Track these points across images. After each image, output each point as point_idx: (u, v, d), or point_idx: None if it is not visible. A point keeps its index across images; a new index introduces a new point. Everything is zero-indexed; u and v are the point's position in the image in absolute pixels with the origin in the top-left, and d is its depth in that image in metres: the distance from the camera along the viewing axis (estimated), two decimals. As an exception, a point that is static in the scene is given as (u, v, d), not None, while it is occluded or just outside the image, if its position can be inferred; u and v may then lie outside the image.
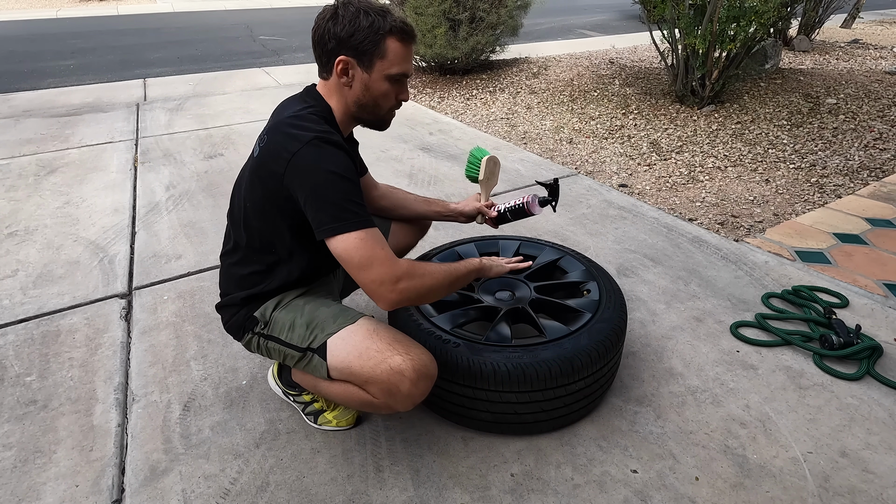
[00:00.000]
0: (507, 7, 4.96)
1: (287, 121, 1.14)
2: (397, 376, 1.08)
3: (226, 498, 1.18)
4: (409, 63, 1.17)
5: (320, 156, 1.07)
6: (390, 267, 1.06)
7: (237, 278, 1.26)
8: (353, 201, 1.07)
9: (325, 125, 1.14)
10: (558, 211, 2.54)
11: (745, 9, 3.55)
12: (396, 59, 1.14)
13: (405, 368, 1.08)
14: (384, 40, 1.12)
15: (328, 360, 1.15)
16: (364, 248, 1.05)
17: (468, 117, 4.21)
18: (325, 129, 1.12)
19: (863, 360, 1.56)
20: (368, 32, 1.11)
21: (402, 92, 1.21)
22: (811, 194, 2.77)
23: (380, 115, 1.23)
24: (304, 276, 1.27)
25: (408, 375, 1.08)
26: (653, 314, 1.80)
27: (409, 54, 1.17)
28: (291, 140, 1.08)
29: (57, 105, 4.39)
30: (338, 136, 1.13)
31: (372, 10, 1.12)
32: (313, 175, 1.06)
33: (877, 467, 1.26)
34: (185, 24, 9.42)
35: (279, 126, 1.14)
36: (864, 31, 7.72)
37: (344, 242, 1.05)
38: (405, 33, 1.14)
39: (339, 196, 1.06)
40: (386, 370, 1.09)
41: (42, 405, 1.44)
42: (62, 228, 2.39)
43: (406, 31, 1.14)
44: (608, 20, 9.68)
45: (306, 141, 1.07)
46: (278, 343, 1.22)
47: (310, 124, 1.12)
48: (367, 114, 1.22)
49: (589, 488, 1.21)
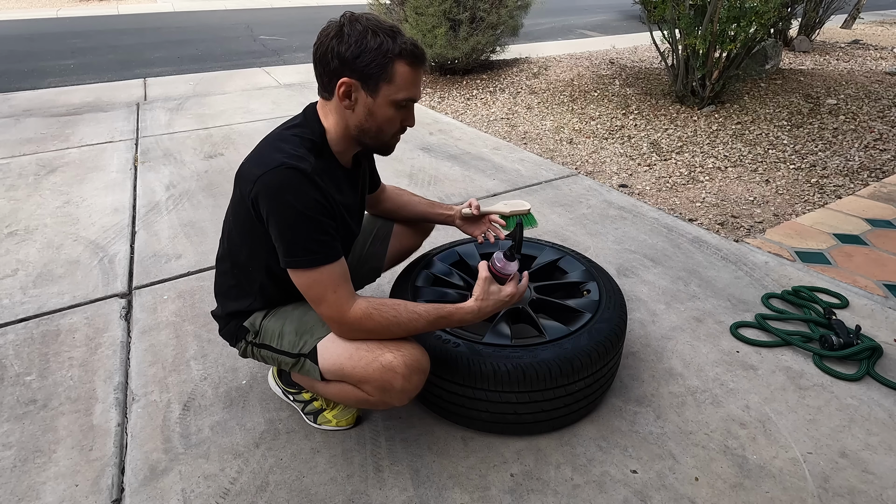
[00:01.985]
0: (508, 7, 4.96)
1: (267, 139, 1.12)
2: (389, 373, 1.09)
3: (225, 497, 1.18)
4: (416, 88, 1.10)
5: (282, 186, 1.02)
6: (338, 312, 1.07)
7: (226, 289, 1.27)
8: (311, 238, 1.03)
9: (303, 150, 1.08)
10: (558, 211, 2.54)
11: (746, 9, 3.55)
12: (404, 84, 1.06)
13: (397, 364, 1.09)
14: (392, 64, 1.04)
15: (320, 364, 1.15)
16: (315, 289, 1.07)
17: (468, 117, 4.21)
18: (300, 154, 1.06)
19: (863, 360, 1.56)
20: (376, 55, 1.03)
21: (407, 118, 1.13)
22: (811, 195, 2.77)
23: (383, 140, 1.16)
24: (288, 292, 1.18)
25: (400, 371, 1.09)
26: (653, 314, 1.80)
27: (417, 79, 1.09)
28: (260, 163, 1.05)
29: (57, 104, 4.39)
30: (308, 164, 1.05)
31: (381, 30, 1.03)
32: (274, 204, 1.03)
33: (876, 468, 1.26)
34: (186, 24, 9.42)
35: (260, 144, 1.12)
36: (865, 32, 7.72)
37: (297, 278, 1.07)
38: (415, 57, 1.06)
39: (293, 233, 1.03)
40: (378, 368, 1.09)
41: (42, 405, 1.44)
42: (62, 228, 2.39)
43: (416, 54, 1.06)
44: (608, 20, 9.68)
45: (272, 167, 1.02)
46: (270, 350, 1.23)
47: (287, 146, 1.07)
48: (370, 139, 1.14)
49: (588, 488, 1.21)
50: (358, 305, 1.08)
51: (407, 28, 4.81)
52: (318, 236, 1.04)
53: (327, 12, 0.95)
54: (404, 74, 1.06)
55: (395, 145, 1.20)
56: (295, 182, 1.02)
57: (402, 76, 1.05)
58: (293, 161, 1.03)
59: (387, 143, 1.18)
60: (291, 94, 4.72)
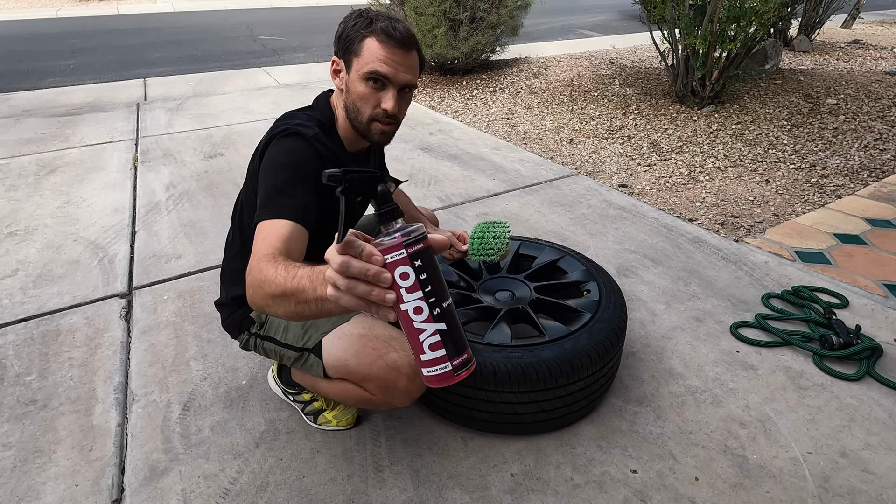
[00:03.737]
0: (508, 7, 4.96)
1: (281, 117, 1.18)
2: (394, 373, 1.08)
3: (225, 498, 1.18)
4: (384, 64, 1.06)
5: (284, 143, 1.08)
6: (254, 257, 0.92)
7: (233, 273, 1.28)
8: (282, 192, 1.02)
9: (312, 125, 1.12)
10: (558, 211, 2.54)
11: (746, 9, 3.55)
12: (371, 57, 1.06)
13: (402, 364, 1.08)
14: (363, 39, 1.07)
15: (324, 359, 1.15)
16: (257, 237, 0.97)
17: (468, 117, 4.21)
18: (308, 125, 1.11)
19: (863, 360, 1.56)
20: (352, 31, 1.08)
21: (383, 99, 1.09)
22: (811, 195, 2.77)
23: (361, 121, 1.13)
24: None
25: (404, 371, 1.08)
26: (653, 314, 1.80)
27: (388, 56, 1.06)
28: (272, 131, 1.12)
29: (57, 105, 4.39)
30: (313, 131, 1.10)
31: (372, 15, 1.08)
32: (269, 156, 1.08)
33: (877, 468, 1.26)
34: (185, 24, 9.42)
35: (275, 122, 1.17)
36: (865, 32, 7.72)
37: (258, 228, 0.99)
38: (387, 35, 1.05)
39: (271, 183, 1.03)
40: (382, 367, 1.09)
41: (42, 405, 1.44)
42: (62, 228, 2.39)
43: (389, 32, 1.05)
44: (608, 20, 9.68)
45: (281, 130, 1.09)
46: (274, 343, 1.23)
47: (296, 119, 1.13)
48: (354, 121, 1.14)
49: (589, 488, 1.21)
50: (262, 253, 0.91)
51: (407, 28, 4.81)
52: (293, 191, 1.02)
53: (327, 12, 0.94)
54: (371, 48, 1.06)
55: (377, 134, 1.14)
56: (297, 140, 1.08)
57: (368, 49, 1.07)
58: (299, 127, 1.09)
59: (367, 127, 1.13)
60: (291, 94, 4.72)
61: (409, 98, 1.15)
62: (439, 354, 0.63)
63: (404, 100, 1.14)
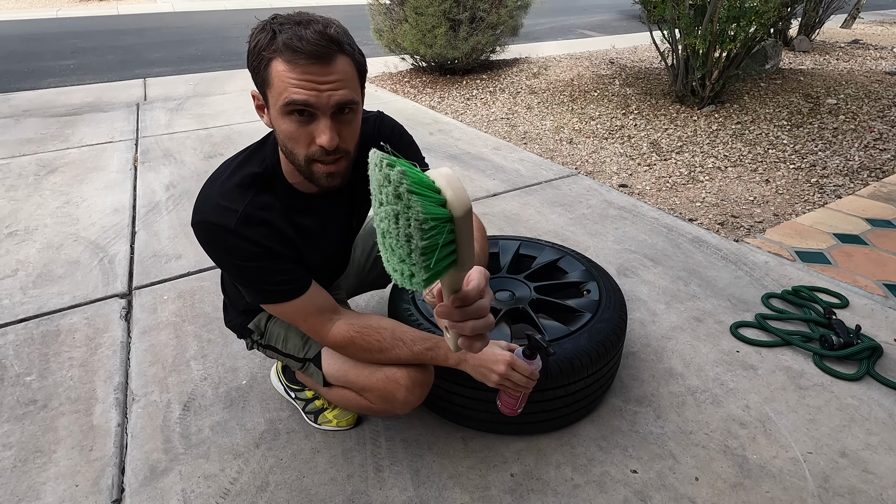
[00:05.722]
0: (508, 7, 4.96)
1: (220, 168, 1.03)
2: (393, 384, 1.08)
3: (226, 498, 1.18)
4: (300, 89, 0.83)
5: (210, 241, 0.98)
6: (316, 335, 1.09)
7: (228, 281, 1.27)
8: (262, 280, 0.99)
9: (241, 191, 0.96)
10: (558, 211, 2.54)
11: (746, 9, 3.55)
12: (281, 84, 0.84)
13: (400, 376, 1.08)
14: (269, 64, 0.85)
15: (324, 369, 1.16)
16: (286, 316, 1.07)
17: (468, 117, 4.21)
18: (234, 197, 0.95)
19: (863, 360, 1.56)
20: (255, 56, 0.86)
21: (316, 133, 0.87)
22: (811, 194, 2.77)
23: (299, 164, 0.92)
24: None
25: (403, 383, 1.08)
26: (653, 314, 1.80)
27: (301, 77, 0.83)
28: (197, 204, 0.99)
29: (57, 105, 4.39)
30: (234, 215, 0.94)
31: (276, 25, 0.84)
32: (212, 255, 1.02)
33: (877, 468, 1.26)
34: (185, 24, 9.42)
35: (214, 172, 1.03)
36: (865, 32, 7.71)
37: (266, 308, 1.09)
38: (293, 50, 0.82)
39: (242, 280, 1.02)
40: (381, 378, 1.08)
41: (42, 405, 1.44)
42: (62, 228, 2.39)
43: (294, 46, 0.82)
44: (608, 20, 9.68)
45: (199, 219, 0.97)
46: (276, 352, 1.24)
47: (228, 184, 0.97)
48: (293, 164, 0.94)
49: (589, 488, 1.21)
50: (338, 329, 1.06)
51: (407, 28, 4.81)
52: (268, 277, 0.99)
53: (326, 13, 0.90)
54: (279, 72, 0.84)
55: (321, 176, 0.93)
56: (221, 238, 0.95)
57: (278, 76, 0.84)
58: (217, 214, 0.94)
59: (307, 170, 0.93)
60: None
61: (352, 119, 0.91)
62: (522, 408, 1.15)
63: (346, 124, 0.90)
